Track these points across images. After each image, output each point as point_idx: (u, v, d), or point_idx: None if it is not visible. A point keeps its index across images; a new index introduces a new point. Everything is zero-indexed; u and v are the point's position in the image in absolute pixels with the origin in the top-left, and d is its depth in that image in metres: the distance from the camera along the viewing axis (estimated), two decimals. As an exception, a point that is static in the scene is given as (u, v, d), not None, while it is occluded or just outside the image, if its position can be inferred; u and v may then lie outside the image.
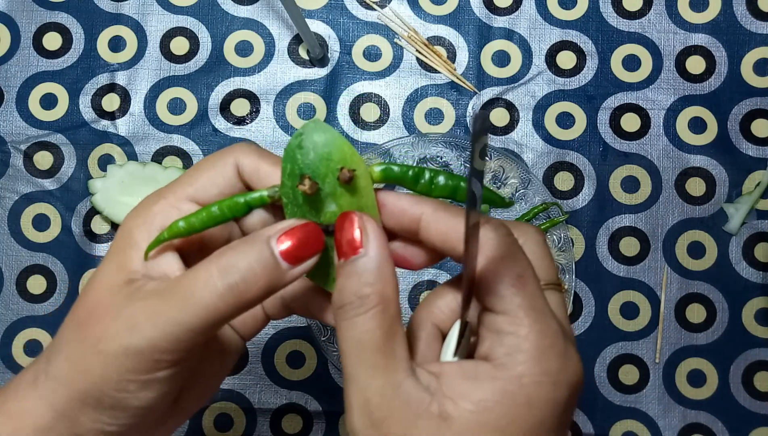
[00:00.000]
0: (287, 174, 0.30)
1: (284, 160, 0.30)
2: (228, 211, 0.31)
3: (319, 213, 0.31)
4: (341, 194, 0.30)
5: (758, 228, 0.62)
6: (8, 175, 0.64)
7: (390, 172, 0.31)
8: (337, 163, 0.30)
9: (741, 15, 0.64)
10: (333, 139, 0.30)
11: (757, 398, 0.61)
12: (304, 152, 0.30)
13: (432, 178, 0.31)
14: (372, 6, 0.65)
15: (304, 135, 0.30)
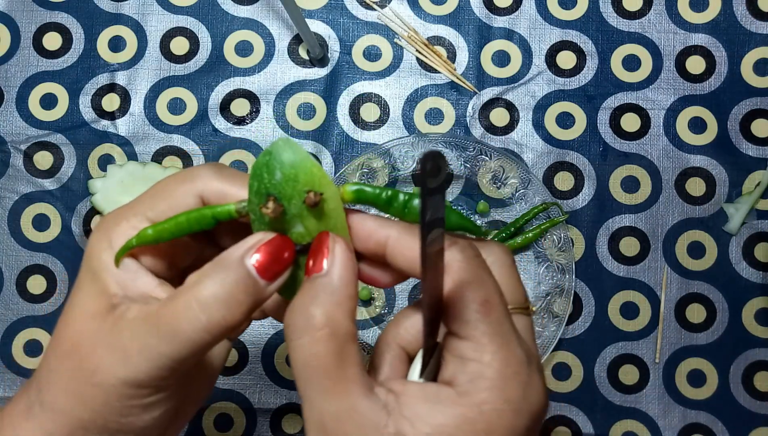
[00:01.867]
0: (254, 192, 0.30)
1: (252, 177, 0.30)
2: (195, 223, 0.30)
3: (286, 233, 0.30)
4: (308, 216, 0.30)
5: (758, 228, 0.62)
6: (8, 175, 0.64)
7: (362, 193, 0.31)
8: (303, 185, 0.29)
9: (741, 15, 0.64)
10: (301, 160, 0.29)
11: (757, 398, 0.61)
12: (270, 172, 0.29)
13: (405, 202, 0.31)
14: (372, 6, 0.65)
15: (273, 154, 0.29)
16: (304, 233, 0.30)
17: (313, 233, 0.30)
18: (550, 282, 0.61)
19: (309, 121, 0.64)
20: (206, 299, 0.28)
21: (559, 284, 0.61)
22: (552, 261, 0.61)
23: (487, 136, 0.64)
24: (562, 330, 0.60)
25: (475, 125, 0.64)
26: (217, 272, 0.28)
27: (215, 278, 0.28)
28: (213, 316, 0.28)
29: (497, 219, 0.63)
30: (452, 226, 0.32)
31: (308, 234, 0.30)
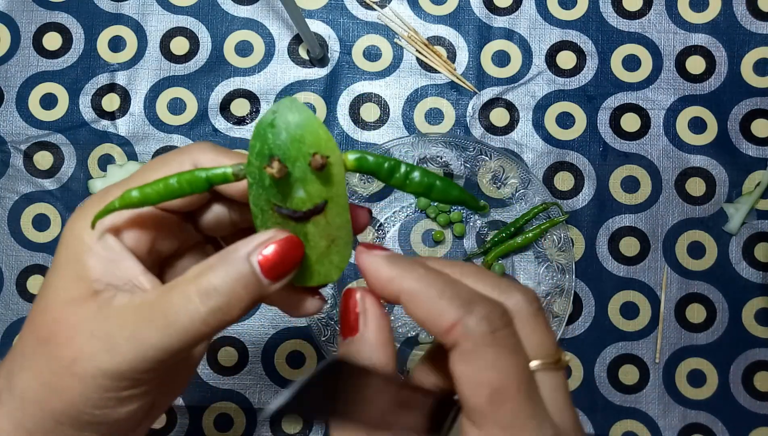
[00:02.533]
0: (255, 153, 0.28)
1: (254, 138, 0.28)
2: (187, 185, 0.28)
3: (286, 198, 0.29)
4: (311, 181, 0.29)
5: (758, 228, 0.62)
6: (8, 175, 0.64)
7: (364, 161, 0.29)
8: (309, 147, 0.28)
9: (741, 15, 0.64)
10: (308, 120, 0.28)
11: (757, 398, 0.61)
12: (276, 132, 0.28)
13: (407, 174, 0.30)
14: (372, 6, 0.65)
15: (278, 113, 0.28)
16: (305, 198, 0.29)
17: (314, 198, 0.29)
18: (550, 282, 0.61)
19: (309, 121, 0.64)
20: (208, 292, 0.27)
21: (559, 284, 0.61)
22: (552, 261, 0.61)
23: (487, 136, 0.64)
24: (562, 330, 0.60)
25: (475, 125, 0.64)
26: (221, 266, 0.28)
27: (219, 271, 0.27)
28: (212, 309, 0.27)
29: (497, 219, 0.63)
30: (452, 200, 0.31)
31: (309, 199, 0.29)
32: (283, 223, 0.30)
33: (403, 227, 0.63)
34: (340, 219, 0.30)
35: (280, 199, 0.29)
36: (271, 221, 0.30)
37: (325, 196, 0.29)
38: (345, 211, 0.30)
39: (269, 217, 0.29)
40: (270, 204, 0.29)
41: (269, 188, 0.29)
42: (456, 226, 0.63)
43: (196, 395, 0.62)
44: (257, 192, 0.29)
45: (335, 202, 0.29)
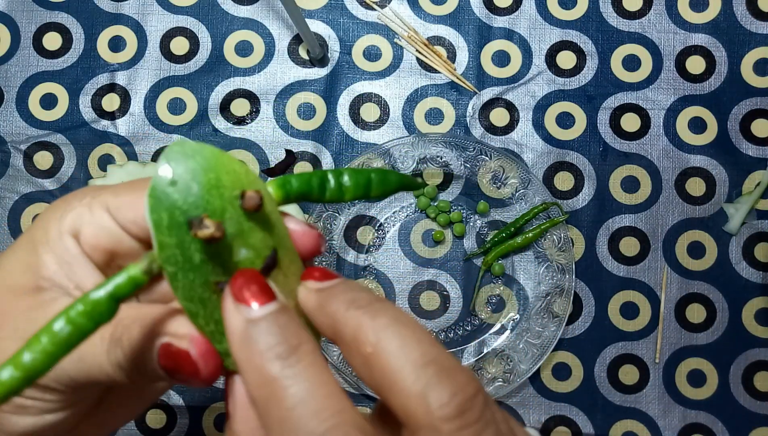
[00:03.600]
0: (164, 228, 0.22)
1: (153, 210, 0.22)
2: (85, 320, 0.20)
3: (228, 268, 0.23)
4: (251, 231, 0.23)
5: (758, 228, 0.62)
6: (8, 175, 0.64)
7: (289, 186, 0.24)
8: (231, 188, 0.22)
9: (741, 15, 0.64)
10: (215, 158, 0.22)
11: (757, 398, 0.61)
12: (181, 188, 0.22)
13: (338, 181, 0.25)
14: (372, 6, 0.65)
15: (173, 165, 0.22)
16: (252, 256, 0.23)
17: (260, 250, 0.23)
18: (550, 282, 0.61)
19: (309, 121, 0.64)
20: (116, 342, 0.24)
21: (559, 284, 0.61)
22: (552, 261, 0.61)
23: (487, 136, 0.64)
24: (562, 330, 0.60)
25: (475, 125, 0.64)
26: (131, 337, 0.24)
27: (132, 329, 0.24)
28: (113, 362, 0.24)
29: (497, 219, 0.63)
30: (393, 188, 0.26)
31: (257, 255, 0.23)
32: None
33: (403, 227, 0.63)
34: (296, 266, 0.24)
35: (221, 273, 0.23)
36: (218, 311, 0.23)
37: (271, 243, 0.23)
38: (294, 252, 0.24)
39: (214, 306, 0.23)
40: (209, 287, 0.23)
41: (203, 266, 0.22)
42: (456, 226, 0.63)
43: (196, 395, 0.62)
44: (187, 280, 0.22)
45: (283, 245, 0.24)
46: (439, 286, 0.63)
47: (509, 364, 0.60)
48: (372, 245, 0.63)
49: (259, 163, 0.64)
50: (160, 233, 0.22)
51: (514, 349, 0.61)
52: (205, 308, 0.22)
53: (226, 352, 0.23)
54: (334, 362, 0.60)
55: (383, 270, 0.63)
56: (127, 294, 0.21)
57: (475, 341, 0.62)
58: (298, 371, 0.21)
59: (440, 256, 0.63)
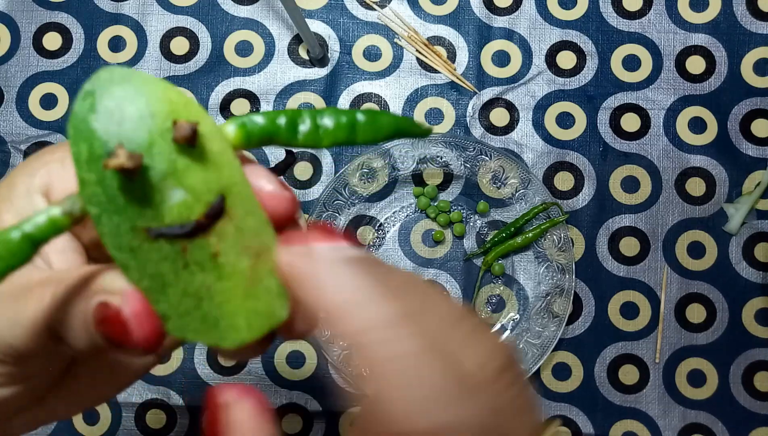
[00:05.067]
0: (84, 161, 0.19)
1: (74, 142, 0.19)
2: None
3: (158, 211, 0.19)
4: (186, 169, 0.19)
5: (758, 228, 0.62)
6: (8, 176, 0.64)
7: (251, 127, 0.21)
8: (164, 119, 0.19)
9: (741, 15, 0.64)
10: (146, 84, 0.19)
11: (757, 398, 0.61)
12: (102, 115, 0.19)
13: (314, 122, 0.21)
14: (372, 6, 0.65)
15: (98, 92, 0.19)
16: (189, 199, 0.20)
17: (201, 194, 0.20)
18: (550, 282, 0.61)
19: (309, 121, 0.64)
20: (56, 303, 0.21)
21: (559, 284, 0.61)
22: (552, 261, 0.61)
23: (487, 136, 0.64)
24: (562, 330, 0.60)
25: (475, 125, 0.64)
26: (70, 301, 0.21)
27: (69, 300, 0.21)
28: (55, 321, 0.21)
29: (497, 219, 0.63)
30: (385, 133, 0.22)
31: (195, 199, 0.20)
32: (174, 255, 0.20)
33: (403, 227, 0.63)
34: (254, 219, 0.20)
35: (152, 218, 0.19)
36: (151, 263, 0.20)
37: (217, 187, 0.20)
38: (255, 205, 0.21)
39: (147, 257, 0.19)
40: (140, 233, 0.19)
41: (128, 208, 0.19)
42: (456, 226, 0.63)
43: (196, 395, 0.62)
44: (112, 224, 0.19)
45: (236, 193, 0.20)
46: (439, 286, 0.63)
47: (509, 364, 0.60)
48: (372, 245, 0.63)
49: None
50: (80, 168, 0.19)
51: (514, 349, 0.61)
52: (136, 258, 0.19)
53: (166, 314, 0.20)
54: (334, 362, 0.60)
55: (383, 270, 0.63)
56: (45, 237, 0.19)
57: (475, 341, 0.62)
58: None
59: (440, 256, 0.63)
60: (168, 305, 0.20)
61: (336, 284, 0.19)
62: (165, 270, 0.20)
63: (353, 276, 0.20)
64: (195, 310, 0.20)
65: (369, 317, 0.19)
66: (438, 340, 0.20)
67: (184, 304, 0.20)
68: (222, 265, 0.20)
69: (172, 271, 0.20)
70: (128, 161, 0.18)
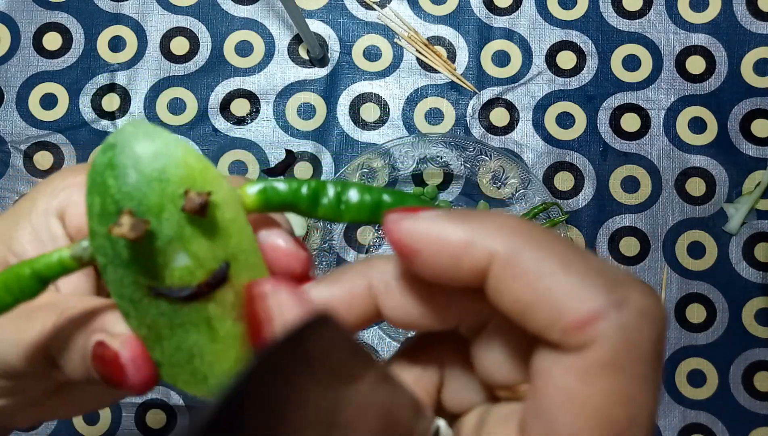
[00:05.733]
0: (96, 215, 0.19)
1: (89, 193, 0.19)
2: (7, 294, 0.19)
3: (160, 272, 0.20)
4: (193, 237, 0.19)
5: (758, 228, 0.62)
6: (8, 175, 0.64)
7: (272, 194, 0.20)
8: (178, 185, 0.19)
9: (741, 15, 0.64)
10: (168, 146, 0.19)
11: (757, 398, 0.61)
12: (119, 174, 0.19)
13: (339, 196, 0.21)
14: (372, 6, 0.65)
15: (118, 147, 0.19)
16: (192, 265, 0.20)
17: (205, 261, 0.20)
18: (550, 282, 0.61)
19: (309, 121, 0.64)
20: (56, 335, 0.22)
21: (559, 284, 0.60)
22: (552, 261, 0.61)
23: (487, 136, 0.64)
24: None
25: (475, 125, 0.64)
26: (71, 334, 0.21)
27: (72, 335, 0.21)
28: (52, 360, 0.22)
29: (497, 219, 0.63)
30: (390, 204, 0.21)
31: (199, 265, 0.20)
32: (171, 313, 0.20)
33: (403, 227, 0.63)
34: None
35: (154, 277, 0.20)
36: (150, 316, 0.20)
37: (222, 255, 0.20)
38: (261, 269, 0.20)
39: (146, 310, 0.20)
40: (141, 288, 0.20)
41: (132, 264, 0.19)
42: (456, 226, 0.62)
43: (196, 395, 0.62)
44: (117, 276, 0.19)
45: (242, 261, 0.20)
46: (439, 286, 0.63)
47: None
48: (372, 244, 0.63)
49: (259, 163, 0.64)
50: (91, 219, 0.19)
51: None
52: (136, 309, 0.20)
53: (160, 362, 0.20)
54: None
55: (383, 270, 0.63)
56: (53, 276, 0.19)
57: (475, 341, 0.62)
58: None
59: (440, 256, 0.63)
60: (162, 355, 0.20)
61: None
62: (161, 324, 0.20)
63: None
64: (186, 364, 0.20)
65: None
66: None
67: (177, 357, 0.20)
68: (216, 329, 0.20)
69: (168, 326, 0.20)
70: (131, 233, 0.18)
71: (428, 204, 0.21)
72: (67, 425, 0.62)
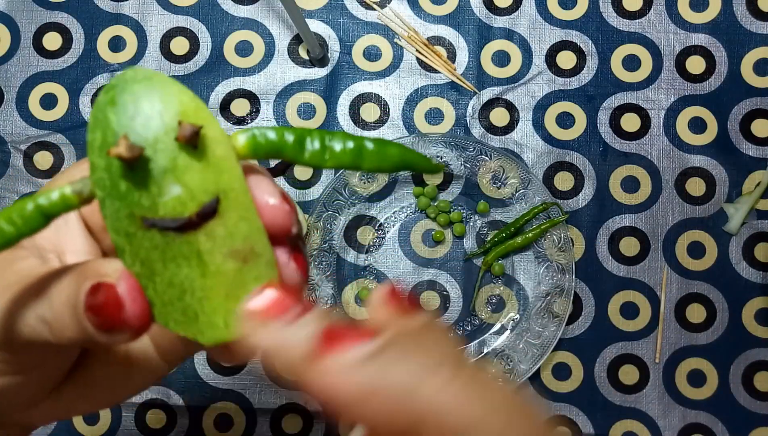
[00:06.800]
0: (97, 147, 0.21)
1: (91, 129, 0.21)
2: (11, 226, 0.20)
3: (154, 203, 0.21)
4: (186, 168, 0.21)
5: (758, 228, 0.62)
6: (8, 175, 0.64)
7: (260, 141, 0.22)
8: (172, 118, 0.21)
9: (741, 15, 0.64)
10: (164, 86, 0.21)
11: (757, 398, 0.61)
12: (119, 109, 0.21)
13: (323, 143, 0.22)
14: (372, 6, 0.65)
15: (119, 87, 0.21)
16: (185, 195, 0.21)
17: (196, 193, 0.21)
18: (550, 282, 0.61)
19: (309, 121, 0.64)
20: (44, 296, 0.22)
21: (559, 284, 0.61)
22: (552, 261, 0.61)
23: (487, 136, 0.64)
24: (562, 330, 0.60)
25: (475, 125, 0.64)
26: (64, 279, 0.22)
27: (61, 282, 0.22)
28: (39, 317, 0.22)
29: (497, 219, 0.63)
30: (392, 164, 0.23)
31: (191, 197, 0.21)
32: (164, 246, 0.21)
33: (403, 227, 0.63)
34: (247, 225, 0.21)
35: (149, 207, 0.21)
36: (143, 250, 0.21)
37: (213, 189, 0.21)
38: (251, 213, 0.21)
39: (140, 244, 0.21)
40: (136, 221, 0.21)
41: (128, 195, 0.21)
42: (456, 226, 0.63)
43: (196, 395, 0.62)
44: (113, 208, 0.21)
45: (232, 199, 0.21)
46: (439, 286, 0.63)
47: (509, 364, 0.60)
48: (372, 244, 0.63)
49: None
50: (92, 153, 0.21)
51: (514, 349, 0.61)
52: (130, 244, 0.21)
53: (152, 300, 0.21)
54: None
55: (383, 270, 0.63)
56: (56, 211, 0.21)
57: (475, 341, 0.62)
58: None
59: (440, 256, 0.63)
60: (154, 293, 0.21)
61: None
62: (154, 258, 0.21)
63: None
64: (177, 301, 0.21)
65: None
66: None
67: (168, 294, 0.21)
68: (207, 263, 0.21)
69: (161, 260, 0.21)
70: (126, 152, 0.20)
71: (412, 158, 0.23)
72: (68, 425, 0.62)
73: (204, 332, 0.22)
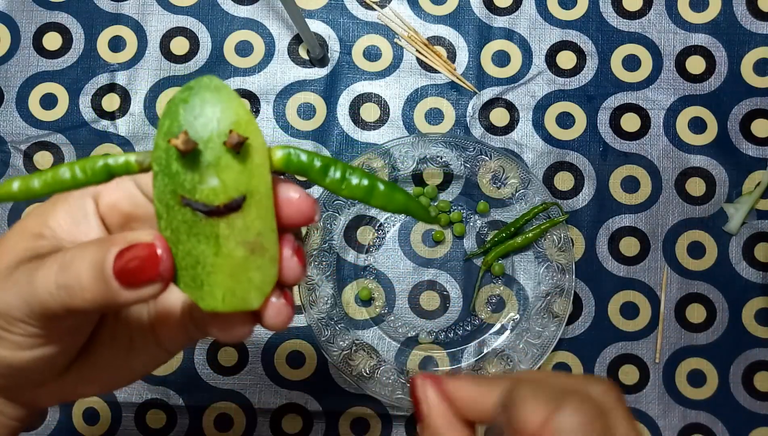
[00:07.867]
0: (164, 132, 0.25)
1: (164, 116, 0.26)
2: (83, 174, 0.25)
3: (195, 188, 0.26)
4: (227, 167, 0.25)
5: (758, 228, 0.62)
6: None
7: (293, 158, 0.26)
8: (226, 126, 0.25)
9: (741, 15, 0.64)
10: (228, 98, 0.25)
11: (757, 398, 0.61)
12: (189, 108, 0.25)
13: (343, 175, 0.27)
14: (372, 6, 0.65)
15: (194, 90, 0.25)
16: (219, 188, 0.26)
17: (230, 190, 0.26)
18: (550, 282, 0.61)
19: (309, 121, 0.64)
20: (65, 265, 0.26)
21: (559, 284, 0.61)
22: (552, 261, 0.61)
23: (487, 136, 0.64)
24: (562, 330, 0.60)
25: (475, 125, 0.64)
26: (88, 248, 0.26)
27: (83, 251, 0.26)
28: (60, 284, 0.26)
29: (497, 219, 0.63)
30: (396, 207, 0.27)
31: (224, 191, 0.26)
32: (192, 223, 0.26)
33: (402, 226, 0.63)
34: (262, 224, 0.26)
35: (189, 190, 0.26)
36: (176, 221, 0.26)
37: (243, 189, 0.26)
38: (269, 215, 0.26)
39: (174, 216, 0.26)
40: (176, 197, 0.26)
41: (176, 176, 0.25)
42: (456, 226, 0.63)
43: (196, 395, 0.62)
44: (162, 182, 0.26)
45: (256, 200, 0.26)
46: (439, 286, 0.63)
47: (509, 364, 0.60)
48: (372, 244, 0.63)
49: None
50: (159, 135, 0.25)
51: (514, 349, 0.61)
52: (168, 213, 0.26)
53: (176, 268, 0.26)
54: (334, 362, 0.60)
55: (383, 270, 0.63)
56: (119, 172, 0.26)
57: (475, 341, 0.62)
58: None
59: (440, 256, 0.63)
60: (175, 257, 0.26)
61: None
62: (182, 230, 0.26)
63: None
64: (191, 269, 0.26)
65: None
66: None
67: (186, 261, 0.26)
68: (221, 246, 0.26)
69: (186, 233, 0.26)
70: (183, 145, 0.25)
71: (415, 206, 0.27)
72: (67, 425, 0.62)
73: (204, 299, 0.26)
